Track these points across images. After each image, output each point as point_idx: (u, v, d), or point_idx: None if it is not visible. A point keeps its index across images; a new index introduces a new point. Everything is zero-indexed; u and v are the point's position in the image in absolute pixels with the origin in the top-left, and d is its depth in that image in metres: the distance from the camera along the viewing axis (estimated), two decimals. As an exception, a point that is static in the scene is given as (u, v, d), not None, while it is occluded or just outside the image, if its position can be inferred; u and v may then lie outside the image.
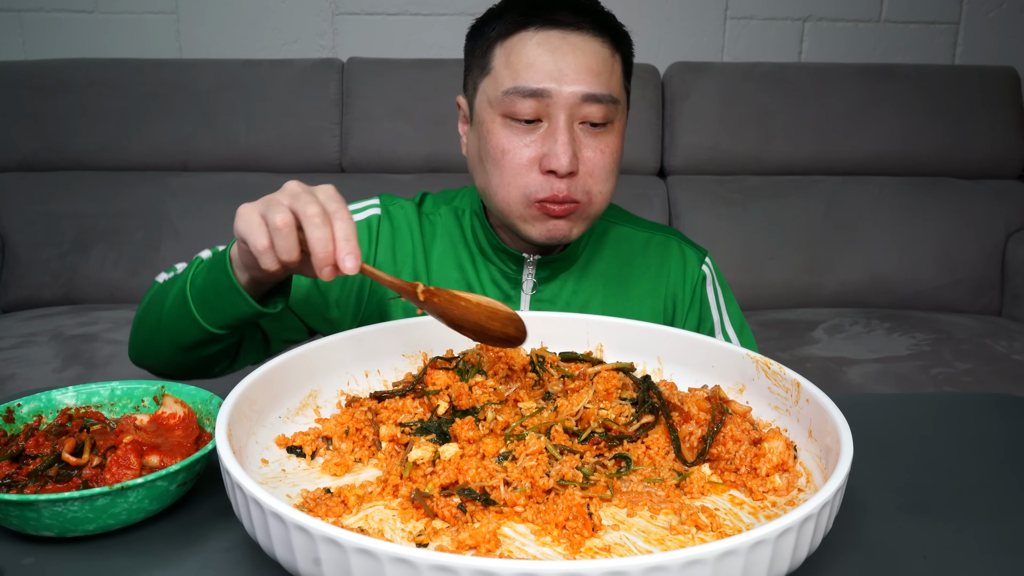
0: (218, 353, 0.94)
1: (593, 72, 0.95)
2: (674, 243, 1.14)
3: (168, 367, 0.97)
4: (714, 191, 2.42)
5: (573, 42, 0.95)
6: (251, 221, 0.72)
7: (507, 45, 0.97)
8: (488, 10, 1.02)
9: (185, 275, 0.88)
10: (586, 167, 0.97)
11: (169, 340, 0.91)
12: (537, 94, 0.94)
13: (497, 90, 0.97)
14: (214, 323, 0.85)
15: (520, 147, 0.96)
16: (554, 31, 0.95)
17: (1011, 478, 0.77)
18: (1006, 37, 2.71)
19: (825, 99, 2.44)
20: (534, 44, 0.95)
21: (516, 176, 0.97)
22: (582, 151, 0.96)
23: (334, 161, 2.44)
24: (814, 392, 0.70)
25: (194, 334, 0.88)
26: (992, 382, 1.84)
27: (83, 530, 0.62)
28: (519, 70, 0.95)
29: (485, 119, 0.99)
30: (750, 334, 1.15)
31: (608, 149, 0.98)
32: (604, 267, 1.11)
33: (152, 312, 0.94)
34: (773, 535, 0.49)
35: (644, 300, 1.10)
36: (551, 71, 0.94)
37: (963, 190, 2.45)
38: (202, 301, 0.85)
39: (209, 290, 0.84)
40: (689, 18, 2.64)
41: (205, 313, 0.85)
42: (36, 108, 2.36)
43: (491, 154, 0.98)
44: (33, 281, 2.29)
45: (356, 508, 0.62)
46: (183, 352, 0.91)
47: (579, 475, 0.64)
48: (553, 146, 0.94)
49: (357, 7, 2.59)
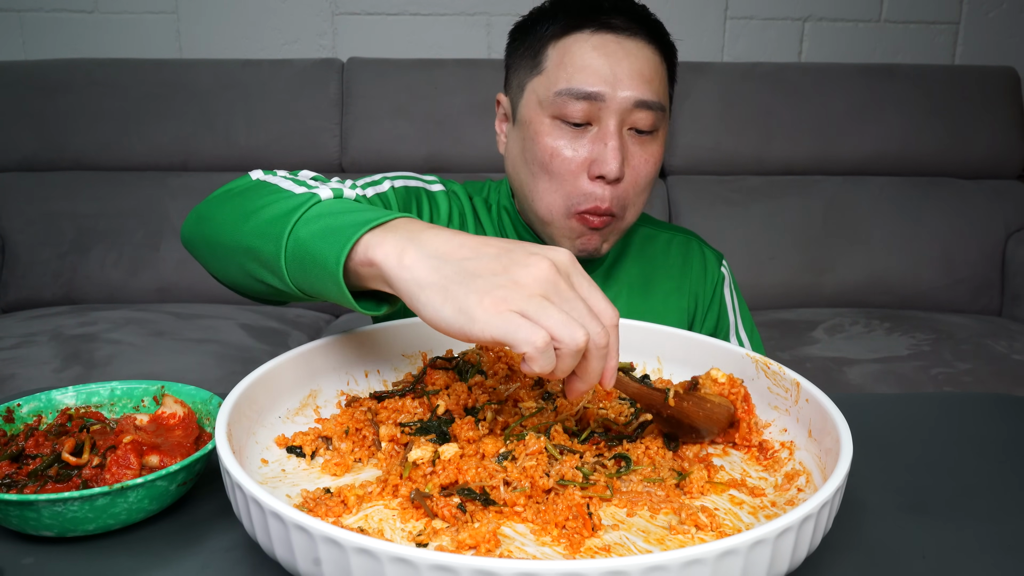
0: (279, 293, 0.75)
1: (646, 79, 0.94)
2: (695, 244, 1.15)
3: (220, 272, 0.80)
4: (714, 191, 2.43)
5: (628, 47, 0.95)
6: (530, 332, 0.54)
7: (561, 46, 0.96)
8: (536, 9, 1.01)
9: (291, 214, 0.68)
10: (631, 175, 0.96)
11: (238, 260, 0.74)
12: (591, 97, 0.93)
13: (549, 91, 0.96)
14: (299, 286, 0.68)
15: (569, 150, 0.95)
16: (609, 35, 0.95)
17: (1011, 478, 0.77)
18: (1006, 37, 2.71)
19: (825, 99, 2.44)
20: (589, 47, 0.95)
21: (564, 182, 0.96)
22: (629, 159, 0.96)
23: (334, 161, 2.44)
24: (814, 392, 0.70)
25: (270, 278, 0.71)
26: (992, 382, 1.84)
27: (83, 530, 0.62)
28: (573, 72, 0.94)
29: (533, 119, 0.98)
30: (759, 338, 1.16)
31: (653, 158, 0.98)
32: (629, 266, 1.11)
33: (237, 210, 0.75)
34: (773, 535, 0.49)
35: (669, 299, 1.11)
36: (606, 75, 0.93)
37: (963, 190, 2.45)
38: (297, 260, 0.66)
39: (309, 259, 0.65)
40: (689, 18, 2.64)
41: (294, 271, 0.67)
42: (36, 108, 2.36)
43: (538, 156, 0.97)
44: (33, 281, 2.29)
45: (356, 508, 0.62)
46: (246, 276, 0.75)
47: (579, 475, 0.64)
48: (603, 151, 0.93)
49: (357, 7, 2.59)
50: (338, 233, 0.63)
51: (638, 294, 1.10)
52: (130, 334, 1.94)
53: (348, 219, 0.64)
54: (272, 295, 0.76)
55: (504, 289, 0.55)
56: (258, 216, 0.71)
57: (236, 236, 0.73)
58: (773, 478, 0.69)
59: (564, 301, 0.56)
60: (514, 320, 0.54)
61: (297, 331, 2.12)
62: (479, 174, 2.37)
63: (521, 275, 0.55)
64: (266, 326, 2.09)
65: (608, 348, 0.58)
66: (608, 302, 0.59)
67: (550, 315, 0.54)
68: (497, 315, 0.54)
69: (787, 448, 0.72)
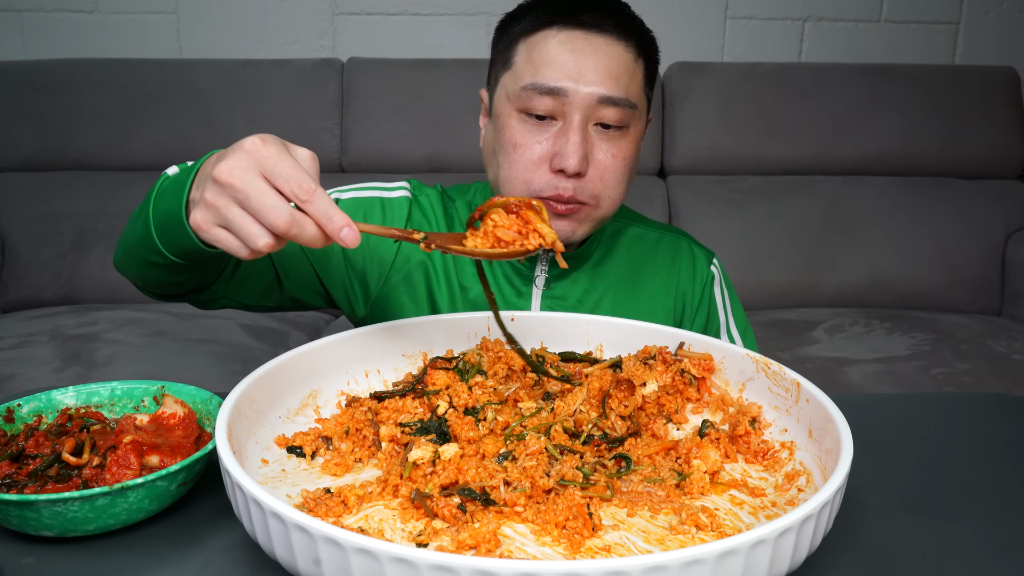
0: (190, 281, 0.88)
1: (612, 75, 0.95)
2: (684, 243, 1.15)
3: (139, 280, 0.91)
4: (714, 191, 2.42)
5: (595, 43, 0.95)
6: (240, 222, 0.64)
7: (530, 42, 0.97)
8: (518, 6, 1.02)
9: (150, 196, 0.79)
10: (596, 170, 0.97)
11: (138, 255, 0.84)
12: (554, 92, 0.94)
13: (516, 85, 0.97)
14: (175, 252, 0.77)
15: (532, 143, 0.96)
16: (578, 31, 0.95)
17: (1011, 478, 0.77)
18: (1006, 37, 2.71)
19: (825, 99, 2.44)
20: (556, 43, 0.95)
21: (524, 171, 0.97)
22: (594, 153, 0.96)
23: (334, 161, 2.44)
24: (814, 392, 0.70)
25: (156, 257, 0.80)
26: (992, 382, 1.84)
27: (83, 530, 0.62)
28: (539, 67, 0.95)
29: (502, 112, 0.99)
30: (752, 337, 1.15)
31: (621, 154, 0.98)
32: (616, 265, 1.11)
33: (128, 224, 0.87)
34: (773, 535, 0.49)
35: (655, 298, 1.11)
36: (570, 71, 0.94)
37: (963, 190, 2.45)
38: (161, 229, 0.76)
39: (168, 221, 0.75)
40: (689, 18, 2.64)
41: (164, 240, 0.77)
42: (36, 108, 2.36)
43: (504, 147, 0.98)
44: (33, 281, 2.29)
45: (356, 508, 0.62)
46: (146, 265, 0.84)
47: (579, 475, 0.64)
48: (564, 145, 0.94)
49: (357, 7, 2.59)
50: (176, 189, 0.74)
51: (624, 291, 1.10)
52: (130, 334, 1.94)
53: (183, 177, 0.75)
54: (174, 279, 0.86)
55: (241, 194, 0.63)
56: (135, 213, 0.83)
57: (129, 237, 0.85)
58: (773, 478, 0.69)
59: (250, 197, 0.63)
60: (220, 233, 0.65)
61: (297, 331, 2.12)
62: (479, 174, 2.37)
63: (219, 172, 0.63)
64: (266, 326, 2.09)
65: (310, 217, 0.63)
66: (311, 160, 0.66)
67: (241, 225, 0.63)
68: (208, 232, 0.66)
69: (787, 448, 0.72)
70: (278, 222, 0.62)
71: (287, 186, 0.63)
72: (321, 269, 1.04)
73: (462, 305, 1.07)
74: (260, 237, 0.63)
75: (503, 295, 1.07)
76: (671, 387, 0.79)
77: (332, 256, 1.04)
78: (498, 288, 1.07)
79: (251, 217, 0.63)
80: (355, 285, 1.06)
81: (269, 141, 0.64)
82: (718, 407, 0.80)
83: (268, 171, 0.63)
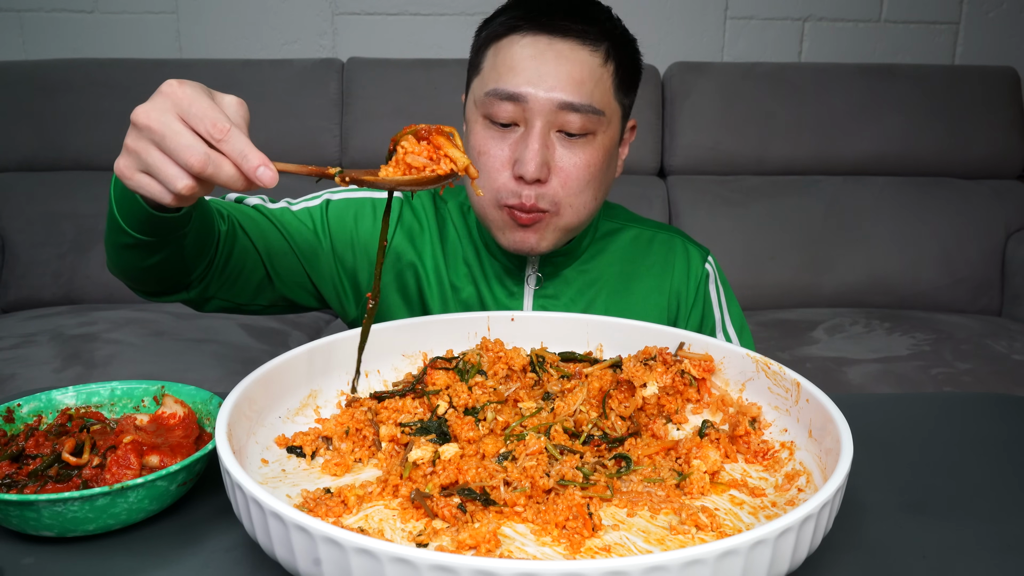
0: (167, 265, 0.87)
1: (575, 81, 0.93)
2: (678, 241, 1.15)
3: (122, 272, 0.90)
4: (714, 191, 2.42)
5: (559, 49, 0.94)
6: (158, 164, 0.65)
7: (497, 47, 0.97)
8: (495, 11, 1.02)
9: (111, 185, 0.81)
10: (559, 177, 0.96)
11: (110, 241, 0.84)
12: (514, 98, 0.94)
13: (481, 90, 0.97)
14: (139, 230, 0.79)
15: (496, 149, 0.96)
16: (542, 36, 0.95)
17: (1011, 478, 0.77)
18: (1006, 37, 2.71)
19: (825, 99, 2.44)
20: (519, 47, 0.95)
21: (490, 178, 0.97)
22: (556, 160, 0.95)
23: (334, 161, 2.44)
24: (814, 392, 0.70)
25: (125, 238, 0.81)
26: (992, 382, 1.84)
27: (83, 530, 0.62)
28: (502, 73, 0.95)
29: (470, 118, 1.00)
30: (749, 335, 1.15)
31: (584, 161, 0.96)
32: (608, 264, 1.11)
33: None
34: (773, 535, 0.49)
35: (648, 297, 1.11)
36: (531, 76, 0.93)
37: (963, 190, 2.45)
38: (118, 201, 0.78)
39: (116, 186, 0.77)
40: (689, 18, 2.64)
41: (122, 212, 0.78)
42: (36, 108, 2.36)
43: (470, 153, 0.98)
44: (33, 281, 2.29)
45: (356, 508, 0.62)
46: (122, 250, 0.84)
47: (579, 475, 0.64)
48: (523, 152, 0.94)
49: (357, 7, 2.59)
50: None
51: (617, 290, 1.10)
52: (130, 334, 1.94)
53: None
54: (148, 262, 0.84)
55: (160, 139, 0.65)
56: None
57: (105, 227, 0.84)
58: (773, 478, 0.69)
59: (165, 138, 0.64)
60: (143, 179, 0.67)
61: (297, 331, 2.12)
62: (479, 174, 2.37)
63: (136, 115, 0.66)
64: (266, 326, 2.09)
65: (226, 156, 0.63)
66: (238, 105, 0.67)
67: (160, 167, 0.65)
68: (131, 179, 0.67)
69: (787, 448, 0.72)
70: (192, 160, 0.63)
71: (201, 125, 0.64)
72: (310, 266, 1.04)
73: (453, 305, 1.07)
74: (179, 179, 0.64)
75: (494, 295, 1.07)
76: (671, 388, 0.79)
77: (321, 253, 1.04)
78: (489, 289, 1.07)
79: (168, 159, 0.65)
80: (346, 285, 1.06)
81: (187, 84, 0.66)
82: (718, 407, 0.80)
83: (184, 111, 0.64)
